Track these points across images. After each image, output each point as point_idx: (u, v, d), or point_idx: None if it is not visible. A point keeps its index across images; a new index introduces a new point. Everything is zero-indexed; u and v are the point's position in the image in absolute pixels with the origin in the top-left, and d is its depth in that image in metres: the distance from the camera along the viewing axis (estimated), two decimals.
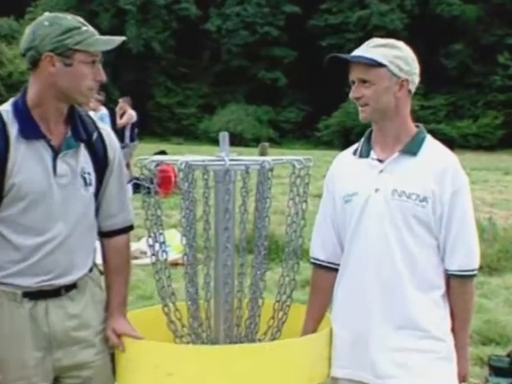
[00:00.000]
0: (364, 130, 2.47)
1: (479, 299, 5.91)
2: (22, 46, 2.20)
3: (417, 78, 2.35)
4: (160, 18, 41.82)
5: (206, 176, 2.29)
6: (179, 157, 2.36)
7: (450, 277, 2.35)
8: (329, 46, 37.73)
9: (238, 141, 37.01)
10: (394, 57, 2.28)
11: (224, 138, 2.40)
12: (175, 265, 5.45)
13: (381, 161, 2.35)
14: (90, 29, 2.21)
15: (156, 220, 2.37)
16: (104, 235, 2.42)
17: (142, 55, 38.09)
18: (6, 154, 2.16)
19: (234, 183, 2.35)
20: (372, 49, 2.30)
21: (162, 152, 14.00)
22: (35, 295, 2.24)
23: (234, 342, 2.43)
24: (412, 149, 2.33)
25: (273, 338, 2.49)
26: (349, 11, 40.78)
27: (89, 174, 2.29)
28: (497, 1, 38.33)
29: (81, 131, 2.28)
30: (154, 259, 2.41)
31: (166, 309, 2.44)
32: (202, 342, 2.45)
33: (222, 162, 2.30)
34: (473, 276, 2.37)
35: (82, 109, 2.34)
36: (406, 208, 2.28)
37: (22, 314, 2.24)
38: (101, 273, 2.45)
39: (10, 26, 36.23)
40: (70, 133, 2.26)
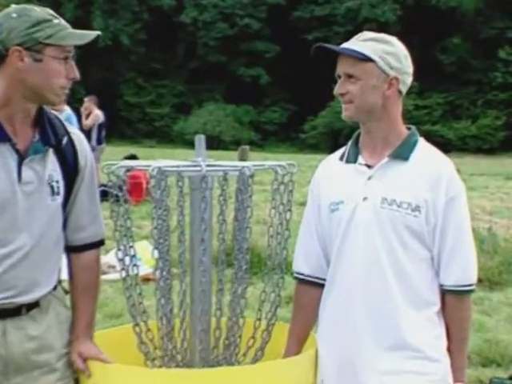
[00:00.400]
0: (353, 132, 2.48)
1: (479, 316, 5.95)
2: None
3: (409, 78, 2.36)
4: (129, 9, 41.78)
5: (180, 183, 2.29)
6: (151, 162, 2.36)
7: (445, 292, 2.36)
8: (315, 39, 37.77)
9: (216, 144, 37.00)
10: (385, 52, 2.30)
11: (200, 141, 2.41)
12: (147, 280, 5.43)
13: (369, 166, 2.37)
14: (62, 22, 2.21)
15: (126, 231, 2.37)
16: (72, 250, 2.41)
17: (109, 49, 37.97)
18: None
19: (211, 191, 2.36)
20: (362, 42, 2.32)
21: (133, 156, 14.00)
22: None
23: (212, 366, 2.43)
24: (403, 153, 2.35)
25: (254, 360, 2.50)
26: (337, 2, 40.99)
27: (57, 182, 2.28)
28: None
29: (50, 135, 2.27)
30: (123, 274, 2.41)
31: (137, 328, 2.44)
32: (177, 366, 2.45)
33: (198, 168, 2.31)
34: (470, 291, 2.38)
35: (49, 110, 2.33)
36: (397, 218, 2.29)
37: None
38: (66, 292, 2.44)
39: None
40: (37, 136, 2.25)
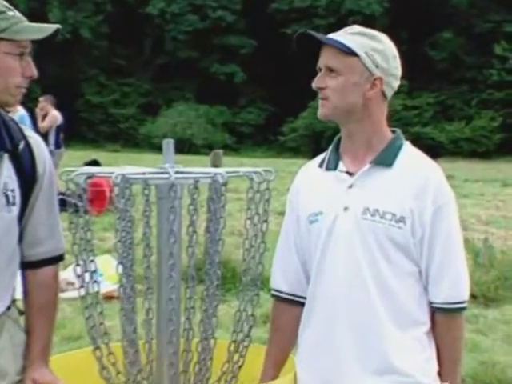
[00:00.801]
0: (337, 135, 2.48)
1: (473, 336, 5.99)
2: None
3: (395, 82, 2.37)
4: (90, 0, 41.66)
5: (146, 191, 2.29)
6: (115, 168, 2.36)
7: (434, 310, 2.37)
8: (294, 33, 38.01)
9: (186, 148, 37.00)
10: (372, 49, 2.31)
11: (168, 145, 2.41)
12: (109, 298, 5.42)
13: (350, 174, 2.37)
14: (17, 14, 2.20)
15: (86, 244, 2.36)
16: (28, 266, 2.39)
17: (68, 44, 37.76)
18: None
19: (180, 200, 2.36)
20: (349, 35, 2.33)
21: (94, 162, 13.94)
22: None
23: None
24: (386, 159, 2.36)
25: None
26: None
27: (12, 191, 2.26)
28: None
29: (5, 139, 2.25)
30: (83, 292, 2.40)
31: (98, 352, 2.43)
32: None
33: (166, 175, 2.30)
34: (462, 309, 2.38)
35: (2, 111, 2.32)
36: (380, 230, 2.30)
37: None
38: (20, 312, 2.43)
39: None
40: None
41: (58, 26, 2.24)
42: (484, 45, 38.87)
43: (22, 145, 2.29)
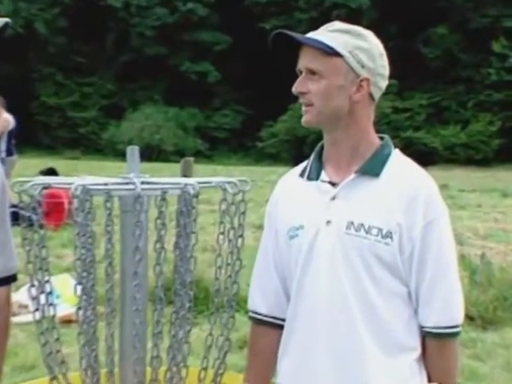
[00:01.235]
0: (321, 140, 2.48)
1: (470, 362, 6.02)
2: None
3: (383, 82, 2.39)
4: None
5: (109, 204, 2.29)
6: (74, 178, 2.35)
7: (425, 335, 2.38)
8: (273, 28, 38.02)
9: (155, 154, 36.98)
10: (357, 48, 2.33)
11: (133, 152, 2.41)
12: (67, 322, 5.39)
13: (333, 184, 2.38)
14: None
15: (41, 263, 2.35)
16: None
17: (21, 39, 37.66)
18: None
19: (146, 213, 2.35)
20: (330, 33, 2.34)
21: (51, 170, 13.87)
22: None
23: None
24: (373, 168, 2.37)
25: None
26: None
27: None
28: None
29: None
30: (38, 315, 2.39)
31: (55, 383, 2.42)
32: None
33: (131, 186, 2.30)
34: (455, 334, 2.39)
35: None
36: (365, 246, 2.30)
37: None
38: None
39: None
40: None
41: (7, 19, 2.24)
42: (481, 41, 39.17)
43: None
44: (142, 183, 2.32)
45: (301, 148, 32.99)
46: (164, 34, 41.93)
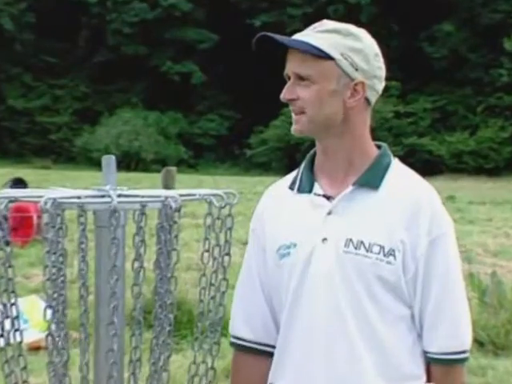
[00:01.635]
0: (314, 146, 2.49)
1: None
2: None
3: (379, 84, 2.39)
4: None
5: (82, 218, 2.28)
6: (44, 190, 2.35)
7: (430, 361, 2.38)
8: (264, 26, 38.29)
9: (133, 163, 37.01)
10: (349, 49, 2.32)
11: (109, 162, 2.41)
12: (36, 349, 5.37)
13: (328, 198, 2.38)
14: None
15: (6, 283, 2.35)
16: None
17: None
18: None
19: (123, 229, 2.35)
20: (319, 34, 2.34)
21: (19, 181, 13.87)
22: None
23: None
24: (372, 180, 2.37)
25: None
26: None
27: None
28: None
29: None
30: (2, 342, 2.39)
31: None
32: None
33: (107, 199, 2.30)
34: (463, 360, 2.40)
35: None
36: (366, 265, 2.30)
37: None
38: None
39: None
40: None
41: None
42: (491, 39, 39.35)
43: None
44: (119, 196, 2.31)
45: (294, 156, 33.10)
46: (143, 31, 41.98)
